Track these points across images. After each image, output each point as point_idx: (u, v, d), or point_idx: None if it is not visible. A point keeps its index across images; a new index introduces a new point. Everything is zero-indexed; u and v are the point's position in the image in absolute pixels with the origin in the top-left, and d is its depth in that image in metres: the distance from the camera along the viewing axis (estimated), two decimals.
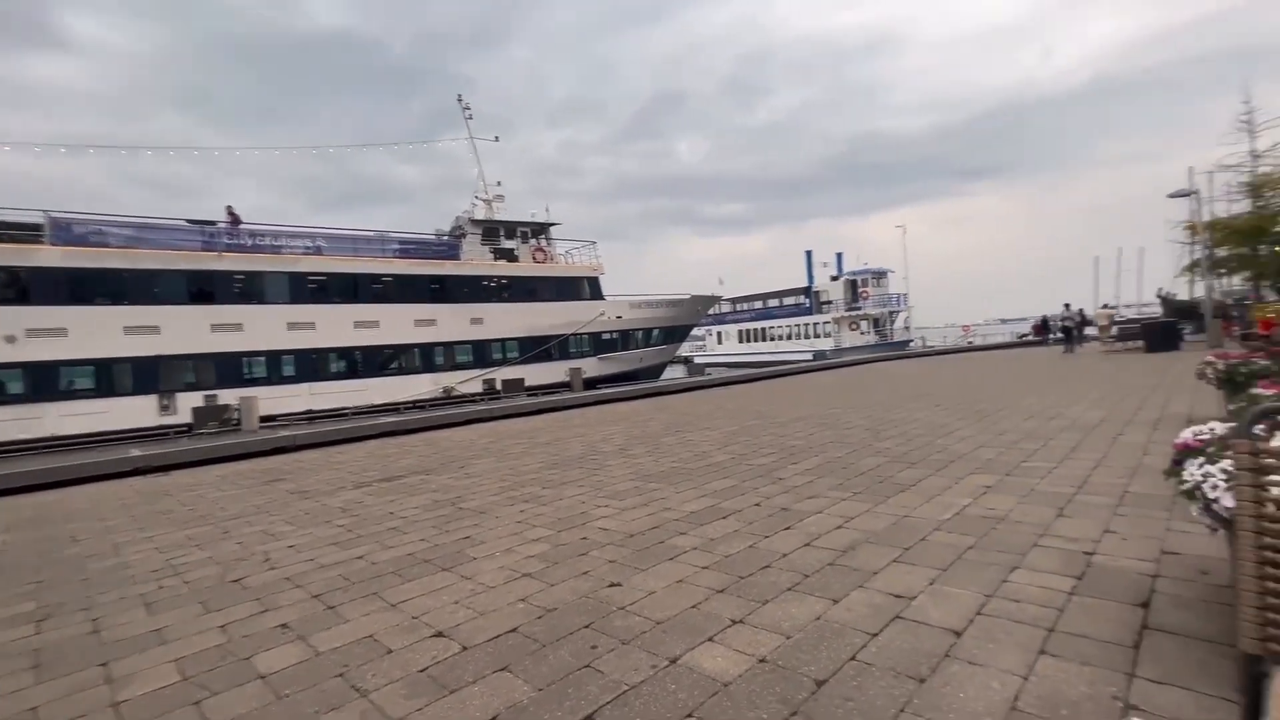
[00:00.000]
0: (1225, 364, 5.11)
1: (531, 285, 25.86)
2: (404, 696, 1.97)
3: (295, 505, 5.09)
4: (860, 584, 2.58)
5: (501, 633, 2.38)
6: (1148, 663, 1.85)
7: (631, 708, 1.81)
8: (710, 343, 54.50)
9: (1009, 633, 2.09)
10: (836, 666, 1.95)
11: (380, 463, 7.09)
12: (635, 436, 7.53)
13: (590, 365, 25.67)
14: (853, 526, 3.37)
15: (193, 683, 2.18)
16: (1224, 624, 2.02)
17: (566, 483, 5.11)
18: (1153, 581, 2.41)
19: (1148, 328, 17.90)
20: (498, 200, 27.56)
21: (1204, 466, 1.94)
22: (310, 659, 2.29)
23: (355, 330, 21.20)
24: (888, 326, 43.72)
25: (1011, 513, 3.42)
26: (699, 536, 3.40)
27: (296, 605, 2.85)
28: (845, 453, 5.49)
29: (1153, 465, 4.21)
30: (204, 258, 19.16)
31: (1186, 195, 20.86)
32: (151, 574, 3.52)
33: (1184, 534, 2.88)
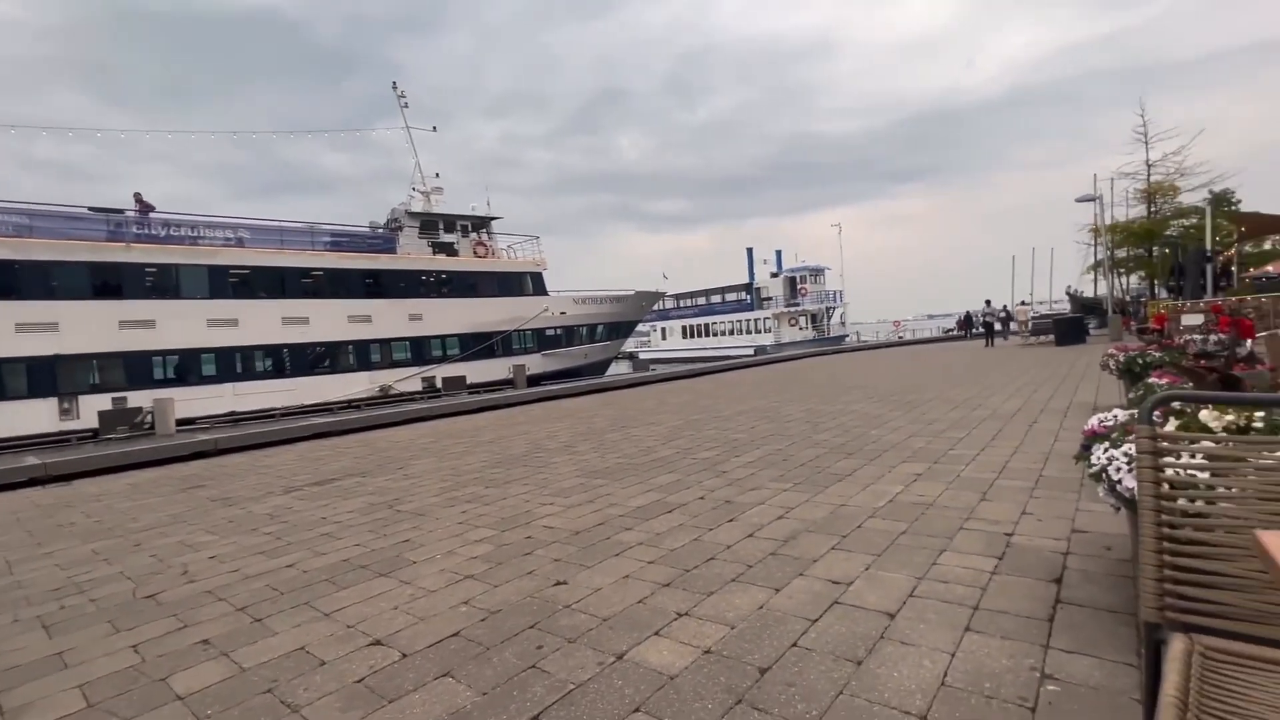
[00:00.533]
0: (1125, 356, 5.55)
1: (473, 280, 25.25)
2: (339, 709, 1.89)
3: (217, 513, 4.78)
4: (800, 572, 2.66)
5: (443, 638, 2.32)
6: (1061, 634, 1.99)
7: (579, 706, 1.80)
8: (655, 338, 54.90)
9: (938, 613, 2.20)
10: (779, 654, 2.00)
11: (312, 465, 6.76)
12: (580, 433, 7.49)
13: (534, 362, 25.34)
14: (793, 517, 3.47)
15: (100, 709, 2.01)
16: (1126, 595, 2.20)
17: (510, 481, 5.02)
18: (1064, 559, 2.59)
19: (1058, 323, 19.26)
20: (436, 192, 26.73)
21: (1108, 451, 2.10)
22: (235, 676, 2.16)
23: (283, 327, 20.09)
24: (825, 322, 45.27)
25: (939, 499, 3.60)
26: (645, 531, 3.41)
27: (219, 620, 2.67)
28: (785, 445, 5.64)
29: (1063, 450, 4.54)
30: (109, 248, 17.65)
31: (1091, 200, 22.57)
32: (51, 593, 3.23)
33: (1091, 513, 3.12)
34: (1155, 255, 25.79)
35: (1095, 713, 1.59)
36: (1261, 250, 25.92)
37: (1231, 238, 22.15)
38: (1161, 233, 25.02)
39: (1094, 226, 26.39)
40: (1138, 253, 26.99)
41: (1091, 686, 1.70)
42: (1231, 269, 20.92)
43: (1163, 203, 25.54)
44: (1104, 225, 24.21)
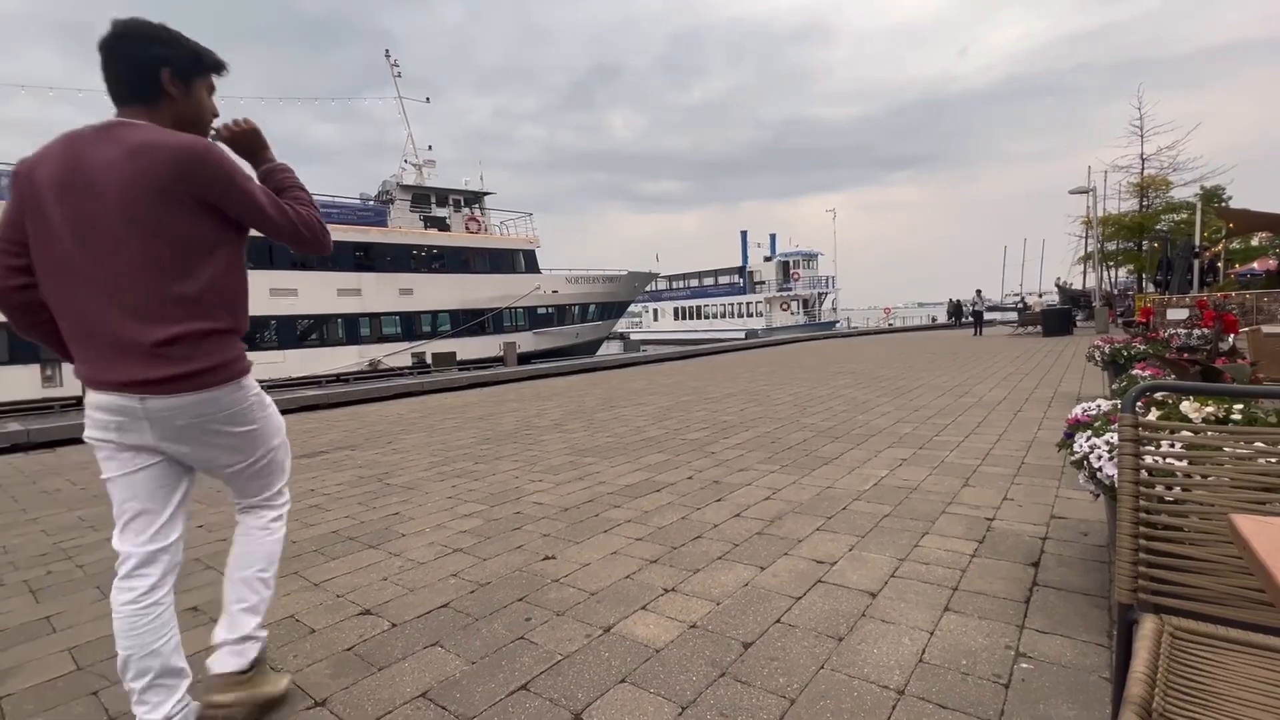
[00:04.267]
0: (1110, 348, 5.64)
1: (464, 256, 25.04)
2: (329, 676, 1.91)
3: (205, 483, 4.75)
4: (786, 551, 2.71)
5: (432, 608, 2.35)
6: (1036, 615, 2.05)
7: (565, 676, 1.84)
8: (646, 319, 54.86)
9: (919, 593, 2.26)
10: (763, 629, 2.05)
11: (300, 438, 6.74)
12: (570, 412, 7.51)
13: (525, 340, 25.30)
14: (780, 498, 3.52)
15: (90, 672, 2.03)
16: (1099, 579, 2.26)
17: (500, 458, 5.04)
18: (1042, 543, 2.66)
19: (1045, 314, 19.46)
20: (428, 165, 26.36)
21: (1091, 439, 2.14)
22: None
23: (271, 298, 19.87)
24: (816, 307, 45.46)
25: (924, 483, 3.66)
26: (633, 509, 3.45)
27: (208, 587, 2.69)
28: (774, 428, 5.70)
29: (1046, 439, 4.62)
30: None
31: (1084, 192, 22.65)
32: (38, 558, 3.22)
33: (1070, 500, 3.19)
34: (1144, 249, 26.02)
35: (1066, 689, 1.65)
36: (1248, 247, 26.22)
37: (1220, 234, 22.37)
38: (1152, 226, 25.21)
39: (1085, 218, 26.55)
40: (1127, 246, 27.21)
41: (1063, 665, 1.76)
42: (1218, 265, 21.16)
43: (1155, 197, 25.70)
44: (1095, 217, 24.36)
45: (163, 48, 1.52)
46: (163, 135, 1.44)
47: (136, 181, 1.39)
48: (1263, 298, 13.90)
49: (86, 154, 1.42)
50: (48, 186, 1.42)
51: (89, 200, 1.40)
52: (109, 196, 1.40)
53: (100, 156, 1.41)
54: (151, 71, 1.50)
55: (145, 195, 1.40)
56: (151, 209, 1.41)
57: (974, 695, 1.65)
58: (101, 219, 1.40)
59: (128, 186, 1.39)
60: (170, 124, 1.51)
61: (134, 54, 1.49)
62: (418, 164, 26.22)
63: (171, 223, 1.44)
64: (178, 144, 1.43)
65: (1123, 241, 27.11)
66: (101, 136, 1.43)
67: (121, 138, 1.42)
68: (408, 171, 25.99)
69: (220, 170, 1.48)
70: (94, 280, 1.42)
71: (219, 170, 1.47)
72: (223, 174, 1.48)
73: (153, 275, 1.43)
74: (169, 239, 1.44)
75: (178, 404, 1.48)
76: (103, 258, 1.41)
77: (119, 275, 1.42)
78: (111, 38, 1.48)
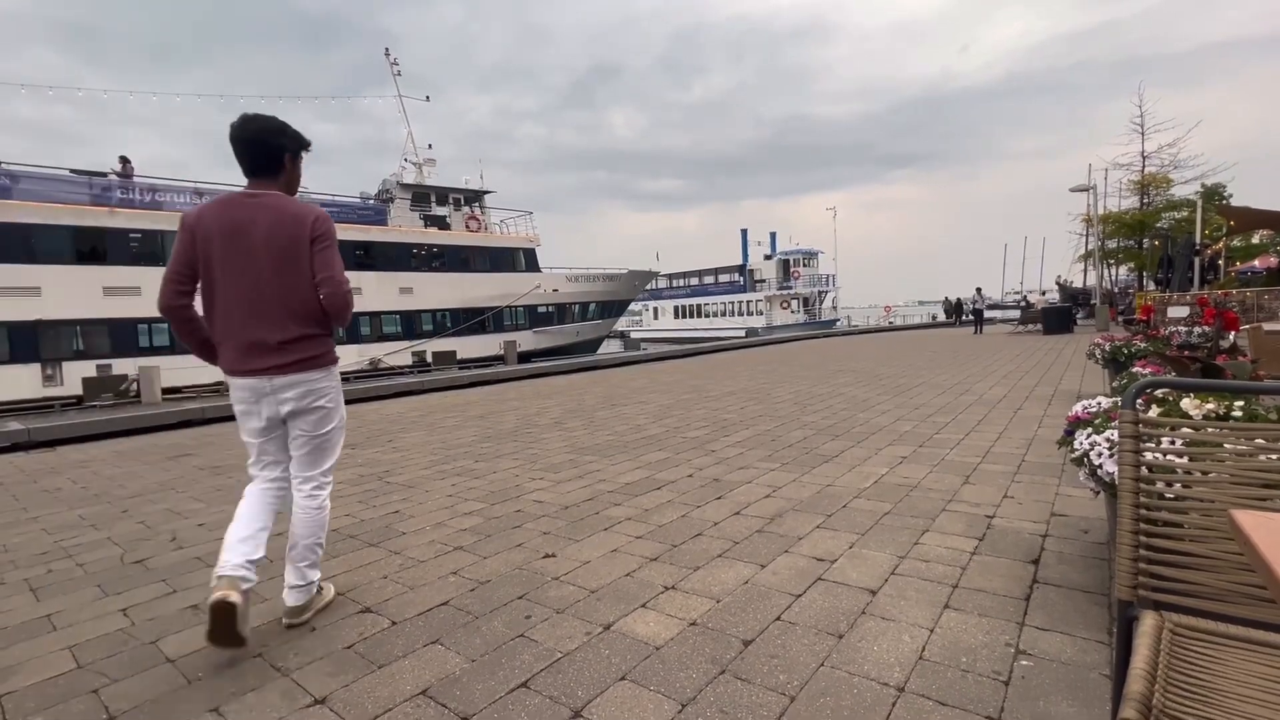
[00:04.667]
0: (1110, 345, 5.63)
1: (465, 255, 25.02)
2: (329, 674, 1.91)
3: (206, 481, 4.78)
4: (786, 549, 2.71)
5: (432, 606, 2.35)
6: (1036, 612, 2.04)
7: (566, 674, 1.84)
8: (646, 318, 54.84)
9: (919, 590, 2.26)
10: (763, 627, 2.05)
11: None
12: (571, 410, 7.51)
13: (525, 339, 25.29)
14: (780, 495, 3.52)
15: (91, 670, 2.03)
16: (1099, 576, 2.26)
17: (500, 456, 5.04)
18: (1043, 541, 2.65)
19: (1046, 312, 19.44)
20: (429, 164, 26.34)
21: (1091, 436, 2.14)
22: None
23: None
24: (817, 306, 45.41)
25: (924, 480, 3.66)
26: (633, 507, 3.45)
27: (208, 586, 2.68)
28: (774, 426, 5.69)
29: (1046, 436, 4.62)
30: (93, 212, 17.29)
31: (1085, 190, 22.61)
32: (38, 557, 3.22)
33: (1069, 498, 3.18)
34: (1145, 247, 25.98)
35: (1066, 686, 1.65)
36: (1249, 244, 26.17)
37: (1221, 231, 22.33)
38: (1153, 224, 25.17)
39: (1086, 216, 26.51)
40: (1128, 244, 27.17)
41: (1063, 662, 1.76)
42: (1219, 262, 21.13)
43: (1155, 194, 25.65)
44: (1096, 215, 24.32)
45: (284, 138, 2.19)
46: (292, 202, 2.15)
47: (273, 233, 2.07)
48: (1263, 295, 13.88)
49: (237, 213, 2.08)
50: (210, 235, 2.06)
51: (239, 245, 2.06)
52: (254, 243, 2.06)
53: (247, 215, 2.07)
54: (278, 155, 2.18)
55: (278, 243, 2.07)
56: (281, 253, 2.08)
57: (974, 692, 1.65)
58: (247, 258, 2.06)
59: (267, 237, 2.06)
60: (283, 188, 2.20)
61: (268, 144, 2.16)
62: (418, 163, 26.20)
63: (294, 261, 2.10)
64: (304, 210, 2.13)
65: (1123, 239, 27.08)
66: (247, 200, 2.11)
67: (262, 202, 2.10)
68: (408, 170, 25.97)
69: (329, 231, 2.16)
70: (240, 301, 2.09)
71: (325, 231, 2.15)
72: (327, 233, 2.15)
73: (278, 297, 2.10)
74: (292, 273, 2.10)
75: (289, 380, 2.16)
76: (246, 285, 2.08)
77: (257, 297, 2.08)
78: (253, 131, 2.13)
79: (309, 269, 2.11)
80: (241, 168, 2.18)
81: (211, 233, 2.06)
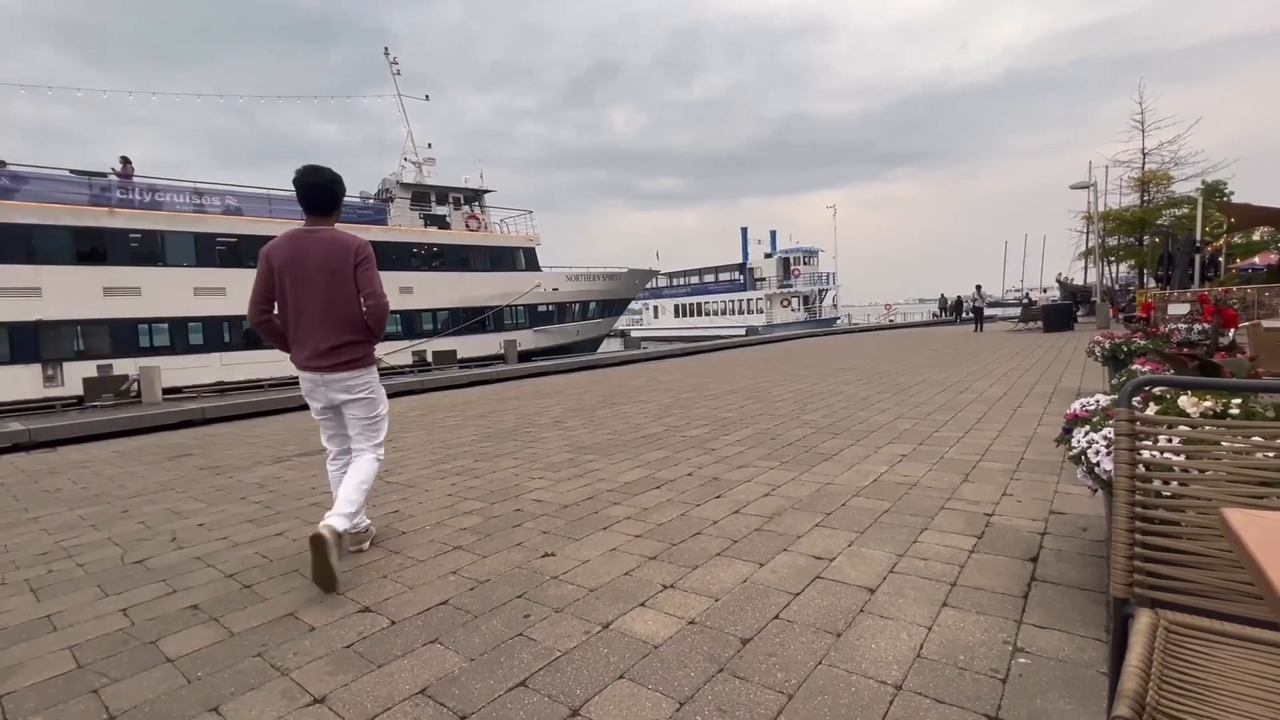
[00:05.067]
0: (1110, 343, 5.63)
1: (465, 254, 25.01)
2: (328, 673, 1.92)
3: (205, 481, 4.79)
4: (785, 548, 2.71)
5: (431, 606, 2.35)
6: (1034, 610, 2.05)
7: (564, 673, 1.84)
8: (647, 317, 54.84)
9: (917, 588, 2.26)
10: (761, 625, 2.05)
11: (301, 436, 6.76)
12: (571, 409, 7.51)
13: (526, 338, 25.29)
14: (779, 494, 3.52)
15: (90, 670, 2.04)
16: (1097, 573, 2.27)
17: (500, 455, 5.05)
18: (1041, 539, 2.66)
19: (1046, 309, 19.43)
20: (428, 163, 26.31)
21: (1089, 434, 2.14)
22: (225, 640, 2.18)
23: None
24: (817, 304, 45.37)
25: (923, 479, 3.66)
26: (633, 506, 3.46)
27: (208, 585, 2.70)
28: (774, 424, 5.70)
29: (1046, 434, 4.62)
30: (93, 213, 17.29)
31: (1085, 187, 22.58)
32: (38, 557, 3.23)
33: (1068, 496, 3.19)
34: (1145, 244, 25.96)
35: (1063, 683, 1.65)
36: (1250, 241, 26.15)
37: (1221, 228, 22.30)
38: (1153, 221, 25.16)
39: (1086, 213, 26.48)
40: (1128, 241, 27.15)
41: (1061, 659, 1.76)
42: (1219, 259, 21.10)
43: (1156, 191, 25.63)
44: (1096, 213, 24.30)
45: (340, 187, 2.87)
46: (340, 234, 2.77)
47: (330, 260, 2.71)
48: (1264, 292, 13.87)
49: (300, 244, 2.72)
50: (282, 263, 2.71)
51: (302, 270, 2.70)
52: (313, 268, 2.70)
53: (307, 246, 2.71)
54: (337, 200, 2.86)
55: (330, 267, 2.71)
56: (333, 275, 2.71)
57: (971, 690, 1.65)
58: (308, 280, 2.70)
59: (324, 262, 2.70)
60: (333, 223, 2.85)
61: (332, 192, 2.82)
62: (417, 162, 26.18)
63: (342, 282, 2.73)
64: (349, 239, 2.76)
65: (1124, 237, 27.06)
66: (310, 235, 2.74)
67: (319, 236, 2.74)
68: (407, 170, 25.95)
69: (367, 255, 2.78)
70: (304, 312, 2.74)
71: (366, 256, 2.77)
72: (368, 257, 2.78)
73: (331, 310, 2.74)
74: (340, 291, 2.74)
75: (335, 376, 2.79)
76: (308, 301, 2.72)
77: (316, 310, 2.73)
78: (324, 181, 2.79)
79: (354, 287, 2.76)
80: (303, 206, 2.80)
81: (283, 261, 2.72)
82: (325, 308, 2.72)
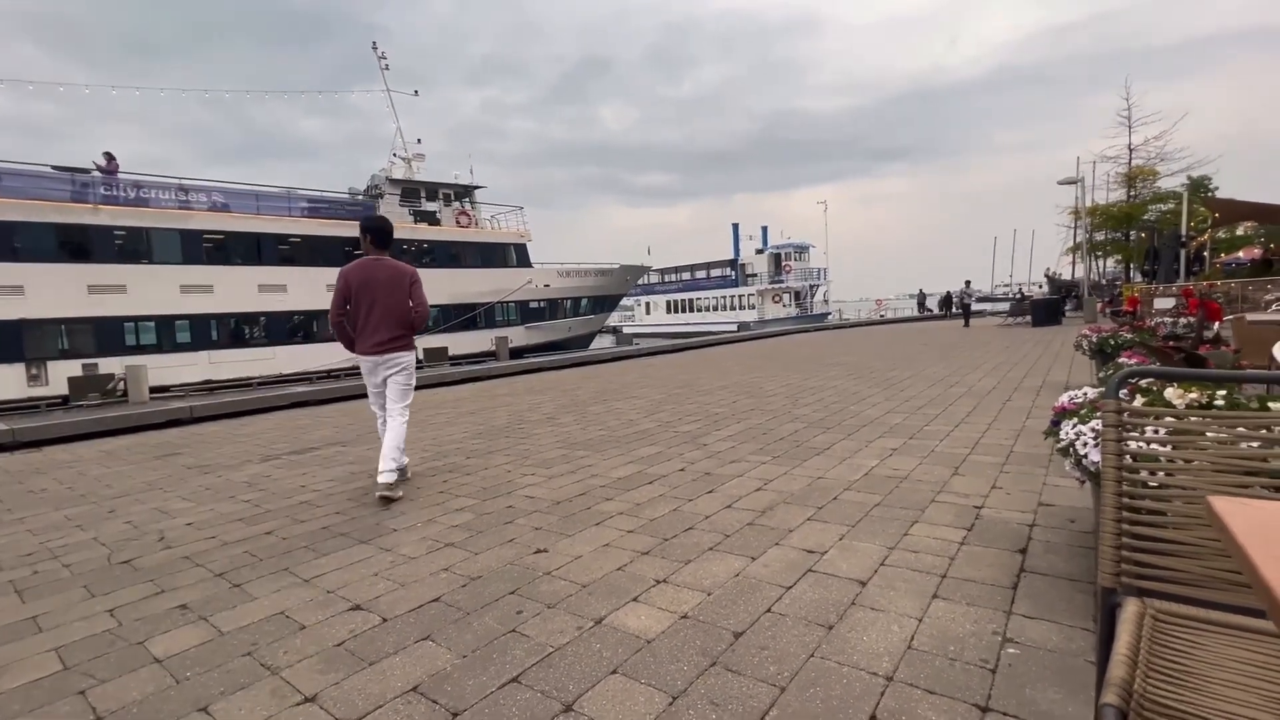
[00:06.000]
0: (1098, 337, 5.68)
1: (455, 250, 24.86)
2: (319, 671, 1.91)
3: (194, 480, 4.74)
4: (777, 541, 2.72)
5: (423, 603, 2.34)
6: (1023, 601, 2.07)
7: (557, 668, 1.84)
8: (639, 313, 54.80)
9: (908, 581, 2.27)
10: (753, 619, 2.06)
11: (291, 435, 6.71)
12: (563, 405, 7.50)
13: (517, 334, 25.20)
14: (771, 488, 3.53)
15: (77, 671, 2.01)
16: (1085, 564, 2.29)
17: (492, 452, 5.03)
18: (1030, 530, 2.68)
19: (1034, 304, 19.59)
20: (418, 159, 26.11)
21: (1076, 426, 2.16)
22: (214, 639, 2.16)
23: (260, 294, 19.68)
24: (808, 300, 45.50)
25: (914, 472, 3.69)
26: (625, 502, 3.46)
27: (197, 585, 2.67)
28: (766, 419, 5.71)
29: (1035, 427, 4.66)
30: (76, 209, 17.03)
31: (1072, 183, 22.76)
32: (23, 558, 3.19)
33: (1057, 488, 3.22)
34: (1132, 239, 26.22)
35: (1051, 673, 1.67)
36: (1234, 236, 26.47)
37: (1206, 223, 22.56)
38: (1139, 216, 25.40)
39: (1074, 209, 26.70)
40: (1115, 236, 27.41)
41: (1049, 649, 1.78)
42: (1204, 254, 21.35)
43: (1142, 187, 25.88)
44: (1084, 208, 24.50)
45: (392, 228, 4.12)
46: (396, 263, 4.01)
47: (391, 280, 3.93)
48: (1248, 286, 14.05)
49: (368, 268, 3.90)
50: (356, 281, 3.89)
51: (369, 286, 3.88)
52: (378, 285, 3.89)
53: (374, 269, 3.92)
54: (392, 239, 4.08)
55: (390, 285, 3.92)
56: (394, 291, 3.93)
57: (961, 680, 1.66)
58: (374, 294, 3.89)
59: (385, 282, 3.92)
60: (390, 254, 4.05)
61: (388, 232, 4.07)
62: (407, 158, 25.96)
63: (399, 296, 3.95)
64: (404, 267, 4.02)
65: (1111, 231, 27.31)
66: (376, 262, 3.95)
67: (385, 264, 3.96)
68: (397, 165, 25.73)
69: (417, 278, 4.02)
70: (371, 316, 3.90)
71: (416, 279, 4.01)
72: (418, 280, 4.02)
73: (391, 314, 3.93)
74: (398, 300, 3.95)
75: (389, 356, 3.97)
76: (375, 308, 3.90)
77: (380, 314, 3.91)
78: (384, 227, 4.06)
79: (407, 298, 4.00)
80: (370, 240, 4.00)
81: (358, 281, 3.92)
82: (386, 311, 3.94)
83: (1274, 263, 16.69)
